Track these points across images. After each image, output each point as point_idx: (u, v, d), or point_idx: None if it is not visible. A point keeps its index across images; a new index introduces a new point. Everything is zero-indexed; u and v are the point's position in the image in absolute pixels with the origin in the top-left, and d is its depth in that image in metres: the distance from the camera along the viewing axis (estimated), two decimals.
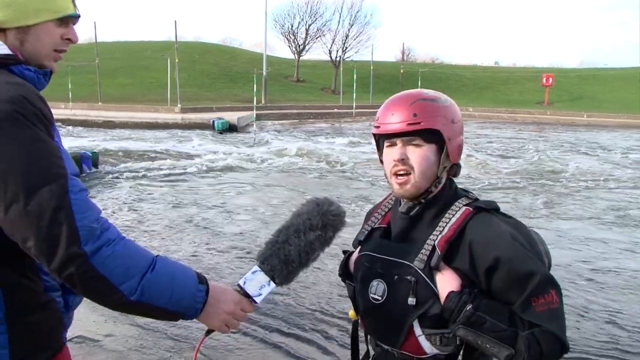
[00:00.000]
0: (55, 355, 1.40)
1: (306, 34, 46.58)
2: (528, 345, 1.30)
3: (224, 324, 1.36)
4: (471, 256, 1.39)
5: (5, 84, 1.21)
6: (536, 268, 1.36)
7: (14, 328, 1.27)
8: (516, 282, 1.35)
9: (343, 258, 1.73)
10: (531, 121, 33.04)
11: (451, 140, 1.47)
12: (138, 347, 4.13)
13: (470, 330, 1.32)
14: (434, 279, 1.40)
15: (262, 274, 1.38)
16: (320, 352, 4.19)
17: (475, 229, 1.41)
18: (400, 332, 1.45)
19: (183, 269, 1.31)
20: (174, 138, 19.63)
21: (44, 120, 1.23)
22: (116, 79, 37.57)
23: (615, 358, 4.20)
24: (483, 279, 1.38)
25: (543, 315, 1.33)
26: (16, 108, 1.17)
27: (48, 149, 1.20)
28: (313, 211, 1.41)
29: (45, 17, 1.34)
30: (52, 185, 1.16)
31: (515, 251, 1.37)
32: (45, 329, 1.34)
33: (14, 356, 1.27)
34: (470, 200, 1.50)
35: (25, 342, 1.29)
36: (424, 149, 1.46)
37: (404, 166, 1.46)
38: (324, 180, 12.13)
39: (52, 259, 1.15)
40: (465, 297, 1.33)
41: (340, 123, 29.46)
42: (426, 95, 1.48)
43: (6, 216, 1.16)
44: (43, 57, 1.36)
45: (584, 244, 7.26)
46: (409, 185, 1.47)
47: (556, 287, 1.37)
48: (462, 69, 54.78)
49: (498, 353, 1.33)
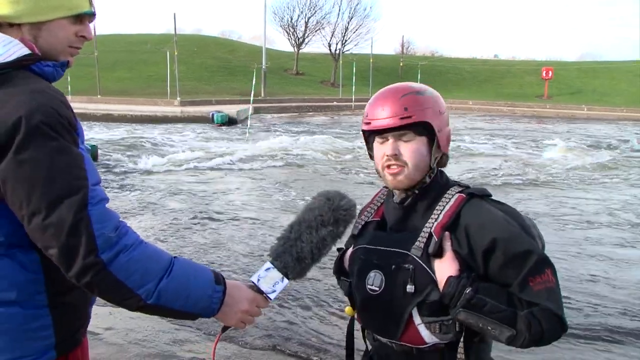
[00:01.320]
0: (85, 331, 1.49)
1: (305, 27, 46.51)
2: (529, 325, 1.32)
3: (240, 321, 1.38)
4: (468, 240, 1.41)
5: (30, 93, 1.22)
6: (532, 248, 1.38)
7: (55, 310, 1.33)
8: (513, 263, 1.37)
9: (337, 256, 1.72)
10: (531, 115, 33.00)
11: (441, 131, 1.48)
12: (138, 340, 4.14)
13: (471, 313, 1.33)
14: (432, 266, 1.41)
15: (276, 271, 1.39)
16: (317, 350, 4.19)
17: (470, 214, 1.43)
18: (400, 321, 1.46)
19: (200, 270, 1.34)
20: (172, 131, 19.60)
21: (70, 128, 1.24)
22: (115, 72, 37.50)
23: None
24: (480, 261, 1.40)
25: (541, 294, 1.35)
26: (42, 119, 1.19)
27: (71, 160, 1.22)
28: (324, 206, 1.40)
29: (60, 14, 1.33)
30: (72, 199, 1.19)
31: (511, 232, 1.39)
32: (80, 306, 1.41)
33: (58, 336, 1.34)
34: (462, 188, 1.51)
35: (65, 322, 1.36)
36: (416, 142, 1.46)
37: (397, 162, 1.46)
38: (322, 176, 12.13)
39: (70, 267, 1.20)
40: (464, 281, 1.34)
41: (340, 116, 29.42)
42: (413, 88, 1.49)
43: (29, 226, 1.20)
44: (58, 53, 1.36)
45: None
46: (402, 176, 1.47)
47: (551, 267, 1.39)
48: (461, 62, 54.68)
49: (500, 335, 1.34)
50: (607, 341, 4.35)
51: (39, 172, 1.17)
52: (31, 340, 1.30)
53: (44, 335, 1.32)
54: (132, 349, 3.95)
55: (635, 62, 45.82)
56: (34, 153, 1.17)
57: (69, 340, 1.38)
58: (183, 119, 23.83)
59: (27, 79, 1.26)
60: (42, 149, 1.18)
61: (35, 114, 1.18)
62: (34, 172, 1.17)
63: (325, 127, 23.17)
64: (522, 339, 1.33)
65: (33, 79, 1.27)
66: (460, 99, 36.60)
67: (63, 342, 1.36)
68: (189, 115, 24.13)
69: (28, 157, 1.17)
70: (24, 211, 1.19)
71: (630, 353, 4.17)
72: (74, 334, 1.41)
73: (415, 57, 54.86)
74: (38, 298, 1.30)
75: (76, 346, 1.42)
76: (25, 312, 1.29)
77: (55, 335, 1.33)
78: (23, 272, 1.28)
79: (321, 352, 4.12)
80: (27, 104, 1.19)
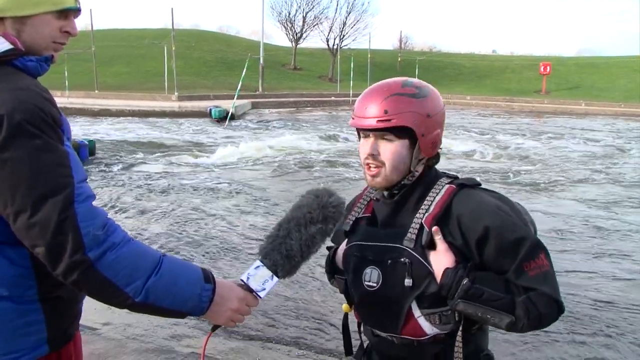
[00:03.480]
0: (78, 325, 1.49)
1: (303, 22, 46.31)
2: (527, 310, 1.33)
3: (230, 320, 1.38)
4: (461, 230, 1.41)
5: (12, 90, 1.20)
6: (525, 234, 1.39)
7: (47, 305, 1.32)
8: (507, 250, 1.38)
9: (328, 255, 1.72)
10: (529, 110, 32.97)
11: (425, 136, 1.45)
12: (136, 336, 4.15)
13: (469, 303, 1.34)
14: (427, 258, 1.42)
15: (265, 269, 1.39)
16: (315, 347, 4.20)
17: (461, 204, 1.43)
18: (399, 315, 1.46)
19: (189, 268, 1.33)
20: (170, 127, 19.55)
21: (54, 125, 1.23)
22: (113, 67, 37.35)
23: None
24: (475, 250, 1.40)
25: (537, 279, 1.36)
26: (25, 117, 1.17)
27: (56, 158, 1.21)
28: (313, 204, 1.40)
29: (44, 9, 1.32)
30: (58, 197, 1.18)
31: (503, 219, 1.39)
32: (72, 301, 1.40)
33: (50, 331, 1.34)
34: (451, 179, 1.52)
35: (57, 316, 1.36)
36: (396, 144, 1.45)
37: (374, 161, 1.46)
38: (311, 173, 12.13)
39: (57, 265, 1.19)
40: (461, 272, 1.35)
41: (337, 111, 29.37)
42: (402, 89, 1.46)
43: (15, 225, 1.19)
44: (42, 49, 1.35)
45: None
46: (379, 178, 1.47)
47: (545, 250, 1.40)
48: (459, 57, 54.58)
49: (499, 322, 1.35)
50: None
51: (23, 171, 1.16)
52: (23, 335, 1.30)
53: (36, 330, 1.31)
54: (130, 345, 3.95)
55: (634, 57, 45.75)
56: (17, 152, 1.16)
57: (61, 335, 1.38)
58: (181, 114, 23.74)
59: (9, 75, 1.25)
60: (25, 148, 1.16)
61: (18, 112, 1.16)
62: (17, 171, 1.16)
63: (321, 122, 23.13)
64: (521, 324, 1.34)
65: (16, 76, 1.26)
66: (458, 94, 36.53)
67: (55, 336, 1.36)
68: (187, 110, 24.05)
69: (11, 156, 1.16)
70: (9, 210, 1.18)
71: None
72: (66, 328, 1.40)
73: (413, 52, 54.73)
74: (29, 293, 1.29)
75: (69, 341, 1.42)
76: (17, 307, 1.28)
77: (47, 329, 1.33)
78: (12, 267, 1.27)
79: (322, 349, 4.13)
80: (8, 101, 1.17)
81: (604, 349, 4.21)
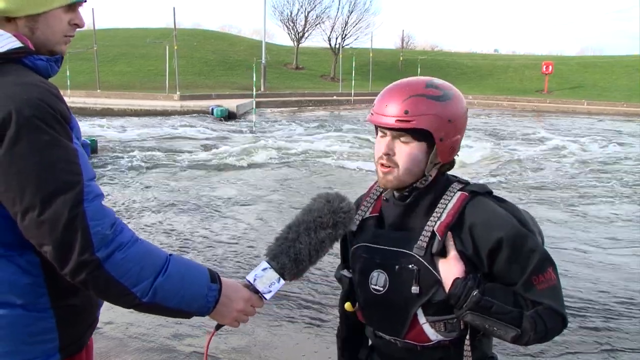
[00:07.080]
0: (92, 333, 1.47)
1: (305, 21, 46.20)
2: (534, 324, 1.33)
3: (235, 320, 1.38)
4: (473, 240, 1.40)
5: (21, 86, 1.19)
6: (535, 246, 1.40)
7: (59, 313, 1.31)
8: (518, 262, 1.38)
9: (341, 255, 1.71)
10: (531, 109, 32.90)
11: (443, 141, 1.43)
12: (139, 335, 4.15)
13: (477, 315, 1.33)
14: (436, 266, 1.40)
15: (272, 271, 1.38)
16: (316, 345, 4.19)
17: (474, 213, 1.42)
18: (404, 321, 1.45)
19: (196, 268, 1.33)
20: (172, 126, 19.55)
21: (63, 122, 1.22)
22: (115, 66, 37.34)
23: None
24: (486, 260, 1.40)
25: (545, 293, 1.37)
26: (34, 113, 1.16)
27: (65, 155, 1.20)
28: (324, 209, 1.39)
29: (56, 4, 1.33)
30: (67, 195, 1.17)
31: (516, 232, 1.39)
32: (86, 309, 1.39)
33: (62, 339, 1.33)
34: (463, 185, 1.50)
35: (69, 325, 1.34)
36: (412, 146, 1.43)
37: (388, 161, 1.45)
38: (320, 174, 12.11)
39: (65, 264, 1.18)
40: (470, 283, 1.34)
41: (340, 111, 29.35)
42: (425, 90, 1.42)
43: (22, 223, 1.18)
44: (54, 44, 1.35)
45: None
46: (391, 177, 1.46)
47: (553, 264, 1.41)
48: (461, 56, 54.47)
49: (505, 334, 1.35)
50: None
51: (32, 167, 1.15)
52: (34, 343, 1.29)
53: (48, 338, 1.30)
54: (132, 344, 3.95)
55: (637, 57, 45.58)
56: (26, 148, 1.14)
57: (73, 343, 1.37)
58: (182, 113, 23.74)
59: (18, 71, 1.24)
60: (35, 144, 1.15)
61: (27, 108, 1.15)
62: (27, 167, 1.14)
63: (325, 121, 23.11)
64: (526, 338, 1.34)
65: (25, 72, 1.25)
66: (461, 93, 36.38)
67: (67, 345, 1.34)
68: (189, 110, 24.05)
69: (20, 152, 1.14)
70: (18, 207, 1.16)
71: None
72: (79, 337, 1.39)
73: (415, 51, 54.60)
74: (41, 301, 1.28)
75: (81, 349, 1.41)
76: (28, 315, 1.27)
77: (59, 338, 1.32)
78: (23, 275, 1.26)
79: (322, 347, 4.12)
80: (18, 97, 1.16)
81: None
